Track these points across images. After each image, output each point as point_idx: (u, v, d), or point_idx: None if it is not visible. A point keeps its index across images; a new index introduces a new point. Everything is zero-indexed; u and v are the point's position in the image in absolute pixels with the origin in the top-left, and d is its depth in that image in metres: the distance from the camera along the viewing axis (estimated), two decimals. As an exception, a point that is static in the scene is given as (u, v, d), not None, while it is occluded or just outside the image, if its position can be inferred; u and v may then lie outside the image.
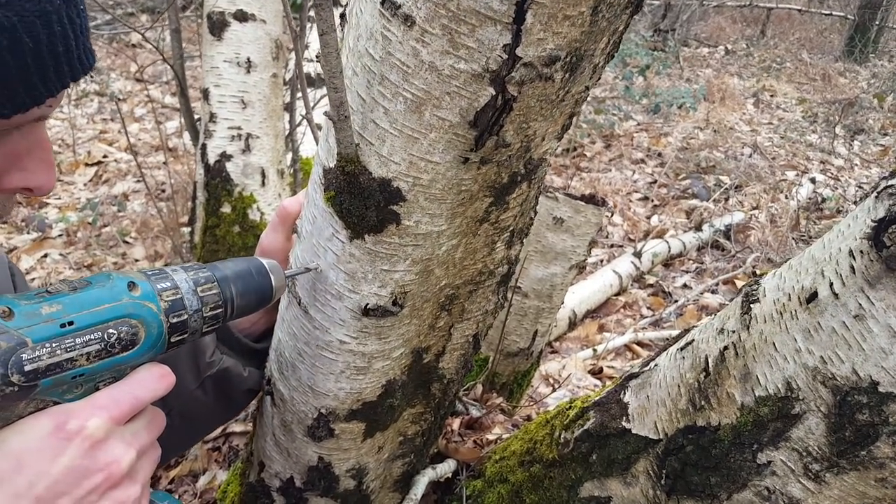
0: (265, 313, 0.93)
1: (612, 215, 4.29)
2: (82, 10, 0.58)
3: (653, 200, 4.73)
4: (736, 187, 4.81)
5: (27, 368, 0.49)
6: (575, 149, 5.48)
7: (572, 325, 3.20)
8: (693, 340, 0.93)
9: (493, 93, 0.59)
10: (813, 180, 4.80)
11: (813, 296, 0.75)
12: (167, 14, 2.16)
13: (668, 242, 3.83)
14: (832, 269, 0.75)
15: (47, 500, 0.50)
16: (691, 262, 3.91)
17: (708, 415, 0.86)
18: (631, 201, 4.77)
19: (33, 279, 3.12)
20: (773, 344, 0.79)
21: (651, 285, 3.66)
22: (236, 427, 1.79)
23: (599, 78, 0.74)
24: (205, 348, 0.87)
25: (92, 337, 0.52)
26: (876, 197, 0.73)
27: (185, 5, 5.80)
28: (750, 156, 5.49)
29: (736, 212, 4.32)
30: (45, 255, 3.36)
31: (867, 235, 0.70)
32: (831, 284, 0.74)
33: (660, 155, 5.59)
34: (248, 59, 1.91)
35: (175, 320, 0.58)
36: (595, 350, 2.82)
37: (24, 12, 0.51)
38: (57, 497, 0.50)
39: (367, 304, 0.75)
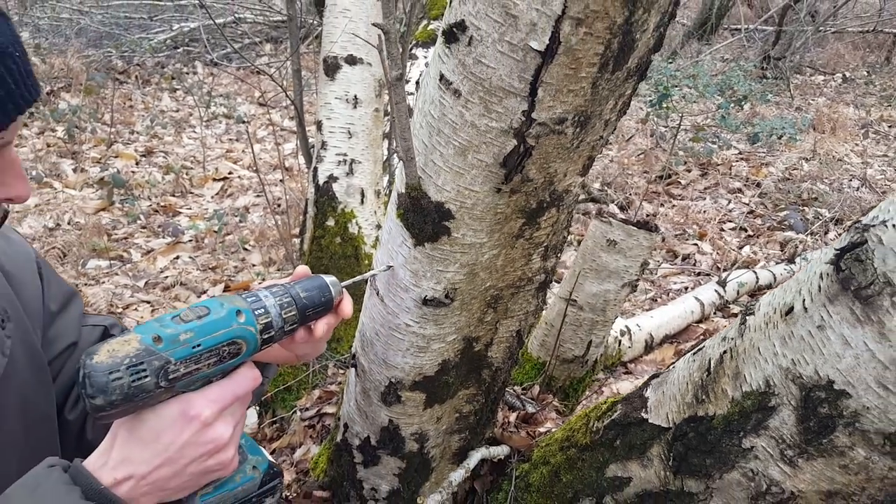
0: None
1: (663, 240, 4.29)
2: (23, 49, 0.73)
3: (746, 230, 4.69)
4: (836, 220, 4.68)
5: (171, 377, 0.72)
6: (669, 175, 5.51)
7: (648, 348, 3.29)
8: (703, 346, 1.10)
9: (516, 143, 0.81)
10: (922, 216, 4.57)
11: (790, 310, 0.91)
12: (289, 56, 2.53)
13: (755, 273, 3.82)
14: (807, 288, 0.90)
15: (174, 459, 0.74)
16: (779, 293, 3.86)
17: (707, 407, 1.03)
18: (723, 230, 4.75)
19: (167, 276, 3.61)
20: (758, 349, 0.95)
21: (735, 315, 3.67)
22: (329, 409, 2.07)
23: (615, 129, 0.94)
24: None
25: (212, 353, 0.74)
26: (847, 230, 0.89)
27: (304, 37, 6.37)
28: (857, 189, 5.30)
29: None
30: (178, 257, 3.86)
31: (831, 260, 0.86)
32: (804, 300, 0.89)
33: (758, 185, 5.50)
34: (356, 96, 2.23)
35: (266, 336, 0.78)
36: (667, 372, 2.89)
37: None
38: (181, 458, 0.74)
39: (426, 295, 0.99)
